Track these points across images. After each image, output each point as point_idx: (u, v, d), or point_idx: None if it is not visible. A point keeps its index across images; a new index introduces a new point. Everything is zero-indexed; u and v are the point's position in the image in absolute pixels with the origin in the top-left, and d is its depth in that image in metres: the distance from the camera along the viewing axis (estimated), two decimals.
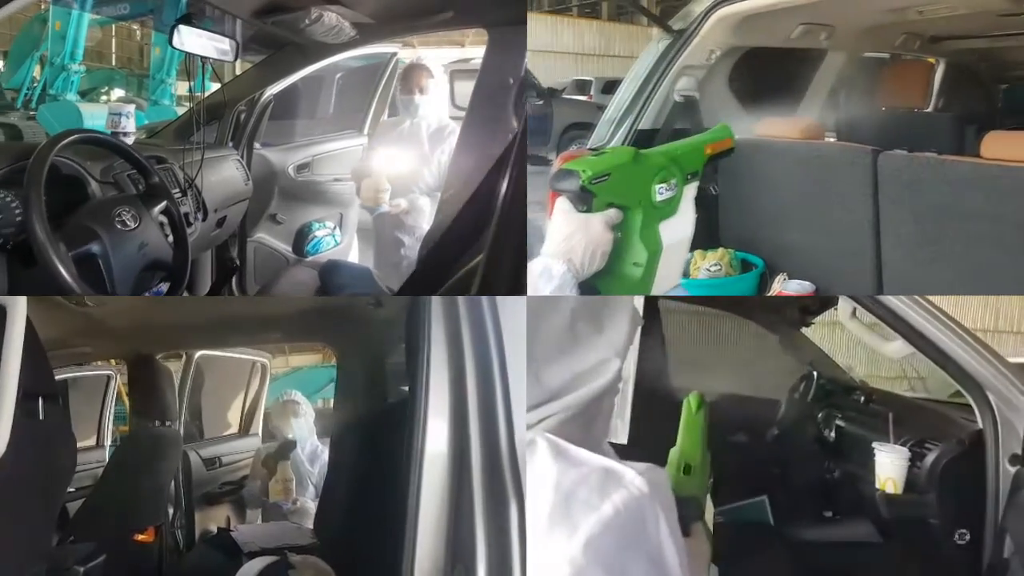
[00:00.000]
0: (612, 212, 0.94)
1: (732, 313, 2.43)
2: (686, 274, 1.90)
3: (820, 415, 2.19)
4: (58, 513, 1.71)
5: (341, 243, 3.18)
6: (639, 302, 0.80)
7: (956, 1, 1.92)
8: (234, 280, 2.75)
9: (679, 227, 1.00)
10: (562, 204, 0.94)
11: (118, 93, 7.77)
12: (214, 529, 2.35)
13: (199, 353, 2.96)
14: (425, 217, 2.62)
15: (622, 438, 0.94)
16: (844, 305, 1.77)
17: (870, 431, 1.88)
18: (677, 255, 1.02)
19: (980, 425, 1.56)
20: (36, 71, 6.94)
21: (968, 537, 1.53)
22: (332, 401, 2.74)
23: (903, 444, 1.72)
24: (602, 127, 2.07)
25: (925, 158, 1.65)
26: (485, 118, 2.05)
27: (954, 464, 1.58)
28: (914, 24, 2.26)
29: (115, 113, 2.13)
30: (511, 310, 0.98)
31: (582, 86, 9.74)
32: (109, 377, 2.97)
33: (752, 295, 1.78)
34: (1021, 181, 1.44)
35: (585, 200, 0.93)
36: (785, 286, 1.76)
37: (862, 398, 2.10)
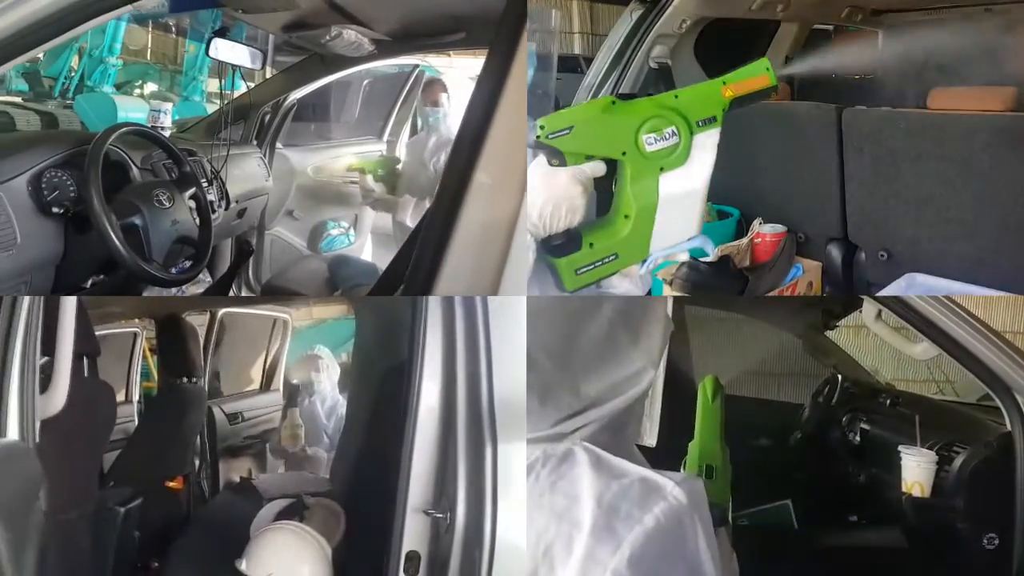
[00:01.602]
0: (587, 166, 0.92)
1: (757, 318, 2.42)
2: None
3: (844, 418, 2.17)
4: (102, 459, 1.99)
5: (354, 243, 3.32)
6: (670, 307, 0.79)
7: None
8: (250, 266, 2.93)
9: (688, 178, 0.96)
10: (539, 159, 0.93)
11: (151, 87, 7.93)
12: (237, 479, 2.51)
13: (223, 310, 3.10)
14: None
15: (650, 440, 0.94)
16: (869, 307, 1.80)
17: (896, 434, 1.87)
18: (688, 206, 0.98)
19: (1009, 428, 1.53)
20: (74, 62, 7.10)
21: (997, 541, 1.51)
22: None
23: (930, 447, 1.69)
24: (581, 93, 2.18)
25: (883, 111, 1.89)
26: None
27: (982, 468, 1.57)
28: None
29: (155, 110, 2.47)
30: (501, 299, 1.08)
31: None
32: (135, 335, 3.09)
33: (731, 240, 1.92)
34: (961, 126, 1.71)
35: (555, 154, 0.91)
36: (760, 229, 1.93)
37: (888, 401, 2.08)
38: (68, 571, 1.57)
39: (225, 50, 2.24)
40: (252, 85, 2.79)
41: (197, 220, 1.93)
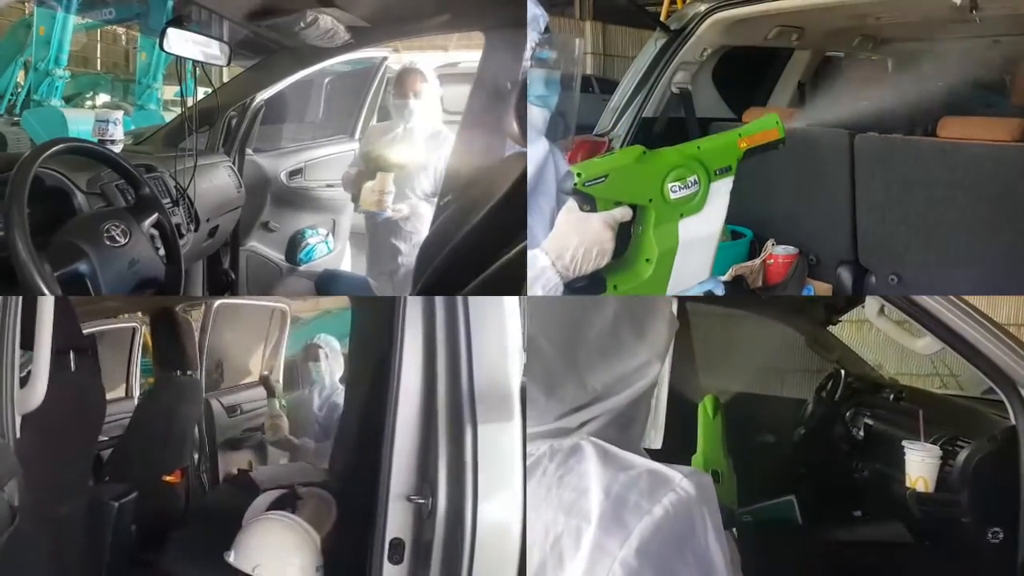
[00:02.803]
0: (617, 211, 1.01)
1: (759, 314, 2.48)
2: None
3: (848, 414, 2.21)
4: (93, 454, 1.96)
5: (334, 250, 3.23)
6: (675, 305, 0.87)
7: (907, 9, 2.34)
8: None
9: (705, 223, 1.05)
10: (570, 203, 1.02)
11: (103, 98, 7.87)
12: (236, 471, 2.56)
13: (218, 302, 3.08)
14: (424, 223, 2.65)
15: (656, 443, 1.01)
16: (872, 302, 1.85)
17: (900, 429, 1.90)
18: (703, 250, 1.07)
19: (1013, 422, 1.54)
20: (20, 77, 7.04)
21: (1001, 536, 1.53)
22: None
23: (934, 442, 1.73)
24: (606, 115, 2.35)
25: (894, 138, 2.04)
26: (482, 123, 2.09)
27: (987, 462, 1.59)
28: (870, 28, 2.75)
29: (102, 120, 2.12)
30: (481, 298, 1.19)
31: None
32: (135, 329, 3.11)
33: (744, 260, 2.07)
34: (970, 154, 1.83)
35: (587, 200, 1.00)
36: (773, 250, 2.07)
37: (891, 396, 2.12)
38: (60, 566, 1.60)
39: (181, 43, 1.96)
40: (217, 85, 2.56)
41: (162, 252, 1.62)
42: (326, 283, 2.40)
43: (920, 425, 1.75)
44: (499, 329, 1.22)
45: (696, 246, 1.06)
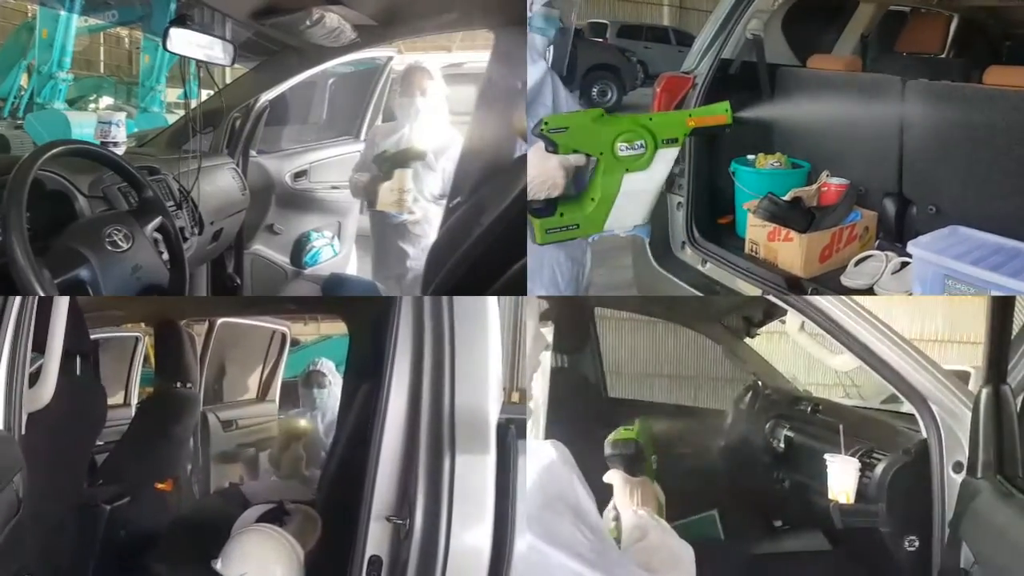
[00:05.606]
0: (572, 157, 1.13)
1: (674, 322, 2.36)
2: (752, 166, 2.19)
3: (767, 425, 2.12)
4: (90, 457, 1.88)
5: (340, 253, 2.96)
6: (549, 335, 0.98)
7: None
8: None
9: (647, 180, 1.15)
10: (539, 143, 1.14)
11: (107, 101, 7.39)
12: (227, 484, 2.54)
13: (220, 320, 2.98)
14: (433, 226, 2.42)
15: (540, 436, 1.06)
16: (793, 319, 1.87)
17: (819, 441, 1.83)
18: (640, 201, 1.16)
19: (924, 435, 1.49)
20: (23, 80, 6.52)
21: (917, 544, 1.47)
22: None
23: (852, 455, 1.67)
24: (691, 56, 2.37)
25: (942, 84, 2.03)
26: (492, 124, 1.87)
27: (901, 474, 1.51)
28: None
29: (104, 122, 1.91)
30: (471, 308, 1.13)
31: (597, 29, 9.52)
32: (137, 339, 2.98)
33: (802, 186, 2.12)
34: (1010, 100, 1.82)
35: (551, 143, 1.11)
36: (828, 180, 2.13)
37: (809, 408, 2.06)
38: (51, 562, 1.51)
39: (185, 43, 1.74)
40: (221, 87, 2.29)
41: (165, 257, 1.44)
42: (334, 287, 2.22)
43: (841, 438, 1.67)
44: (482, 351, 1.13)
45: (637, 196, 1.15)
